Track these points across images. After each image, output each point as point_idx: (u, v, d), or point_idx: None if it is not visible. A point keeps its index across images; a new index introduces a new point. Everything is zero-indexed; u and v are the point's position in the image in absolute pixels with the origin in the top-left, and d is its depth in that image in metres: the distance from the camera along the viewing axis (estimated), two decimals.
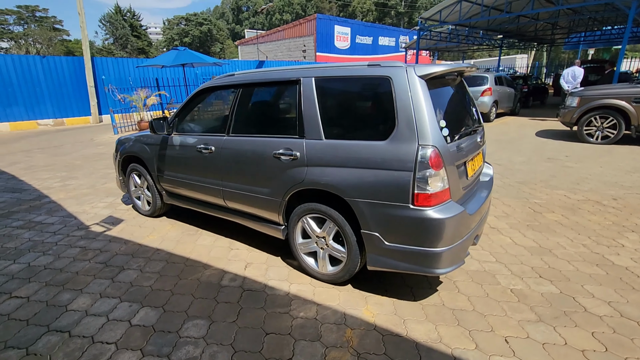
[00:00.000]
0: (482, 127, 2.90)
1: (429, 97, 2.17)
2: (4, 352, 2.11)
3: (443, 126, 2.20)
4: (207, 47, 58.24)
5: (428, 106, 2.14)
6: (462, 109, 2.73)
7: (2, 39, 50.10)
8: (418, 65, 2.24)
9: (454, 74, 2.80)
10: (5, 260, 3.21)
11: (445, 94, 2.56)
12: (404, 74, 2.21)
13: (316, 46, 22.18)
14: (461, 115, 2.61)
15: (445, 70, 2.27)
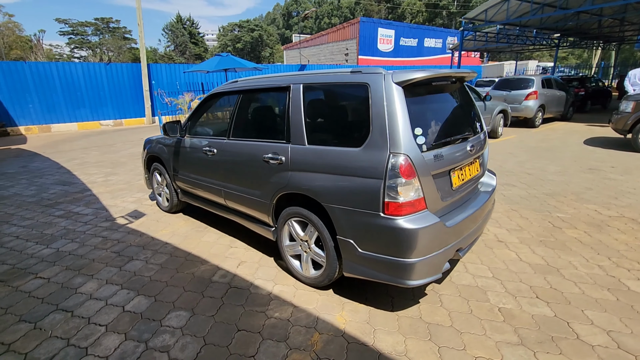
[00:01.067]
0: (479, 135, 2.76)
1: (404, 103, 2.13)
2: (16, 325, 2.42)
3: (418, 134, 2.15)
4: (258, 52, 60.59)
5: (402, 113, 2.11)
6: (454, 116, 2.62)
7: (81, 48, 56.17)
8: (397, 72, 2.21)
9: (451, 80, 2.71)
10: (40, 245, 3.66)
11: (432, 100, 2.49)
12: (381, 80, 2.20)
13: (358, 49, 22.14)
14: (450, 123, 2.51)
15: (425, 76, 2.21)
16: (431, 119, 2.35)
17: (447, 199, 2.35)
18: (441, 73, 2.35)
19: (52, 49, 54.41)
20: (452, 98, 2.72)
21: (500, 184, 5.12)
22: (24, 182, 6.24)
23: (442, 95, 2.62)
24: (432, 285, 2.72)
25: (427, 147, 2.17)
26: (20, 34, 50.39)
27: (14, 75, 13.25)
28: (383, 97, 2.15)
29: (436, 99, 2.53)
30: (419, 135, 2.15)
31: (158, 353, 2.12)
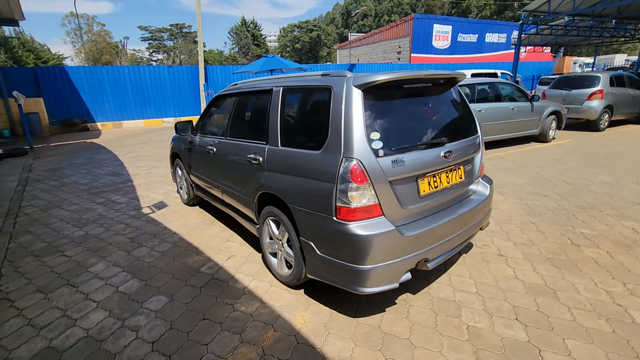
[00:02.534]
0: (463, 141, 2.57)
1: (360, 107, 2.09)
2: (33, 294, 2.84)
3: (374, 139, 2.09)
4: (316, 52, 61.56)
5: (358, 117, 2.08)
6: (430, 120, 2.49)
7: (158, 52, 61.94)
8: (359, 75, 2.18)
9: (437, 82, 2.59)
10: (75, 227, 4.20)
11: (405, 103, 2.39)
12: (342, 83, 2.18)
13: (411, 47, 21.40)
14: (421, 127, 2.39)
15: (387, 79, 2.14)
16: (397, 123, 2.27)
17: (411, 207, 2.25)
18: (409, 75, 2.26)
19: (135, 53, 60.72)
20: (434, 101, 2.58)
21: (529, 193, 4.67)
22: (84, 172, 7.15)
23: (421, 98, 2.50)
24: (405, 295, 2.62)
25: (385, 152, 2.11)
26: (110, 40, 57.04)
27: (94, 78, 15.14)
28: (342, 101, 2.14)
29: (410, 102, 2.42)
30: (376, 140, 2.09)
31: (129, 331, 2.35)
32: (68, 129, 14.64)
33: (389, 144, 2.13)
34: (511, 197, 4.56)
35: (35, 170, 7.55)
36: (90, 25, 55.42)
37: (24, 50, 42.66)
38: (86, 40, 53.51)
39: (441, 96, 2.65)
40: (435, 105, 2.57)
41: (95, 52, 53.23)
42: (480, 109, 6.78)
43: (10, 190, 5.99)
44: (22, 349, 2.23)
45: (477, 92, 6.91)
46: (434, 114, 2.53)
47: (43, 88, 14.31)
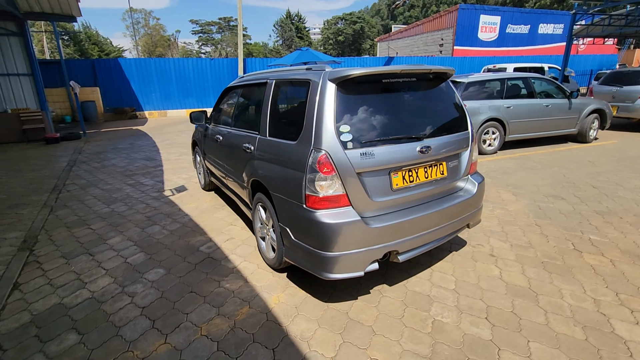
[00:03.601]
0: (446, 137, 2.54)
1: (332, 100, 2.17)
2: (58, 259, 3.26)
3: (344, 131, 2.16)
4: (359, 44, 60.85)
5: (329, 110, 2.16)
6: (409, 114, 2.49)
7: (207, 44, 64.58)
8: (336, 70, 2.25)
9: (425, 76, 2.59)
10: (104, 205, 4.68)
11: (384, 98, 2.41)
12: (319, 77, 2.27)
13: (455, 39, 20.45)
14: (398, 122, 2.40)
15: (360, 73, 2.19)
16: (372, 117, 2.31)
17: (382, 199, 2.30)
18: (385, 70, 2.29)
19: (185, 46, 63.80)
20: (418, 96, 2.58)
21: (546, 195, 4.43)
22: (123, 156, 7.82)
23: (404, 93, 2.52)
24: (382, 285, 2.68)
25: (354, 145, 2.17)
26: (164, 34, 60.35)
27: (143, 70, 16.25)
28: (317, 94, 2.23)
29: (391, 97, 2.44)
30: (345, 132, 2.16)
31: (126, 296, 2.65)
32: (119, 117, 15.90)
33: (359, 137, 2.19)
34: (524, 198, 4.36)
35: (84, 152, 8.38)
36: (147, 20, 58.95)
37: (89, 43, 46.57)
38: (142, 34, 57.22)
39: (428, 91, 2.64)
40: (419, 100, 2.57)
41: (150, 45, 56.67)
42: (509, 106, 6.45)
43: (59, 169, 6.74)
44: (39, 303, 2.60)
45: (507, 87, 6.57)
46: (416, 109, 2.53)
47: (99, 78, 15.64)
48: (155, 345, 2.14)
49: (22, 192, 5.35)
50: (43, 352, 2.12)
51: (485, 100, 6.37)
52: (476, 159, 2.91)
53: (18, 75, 9.71)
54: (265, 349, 2.09)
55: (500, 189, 4.76)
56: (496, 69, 12.46)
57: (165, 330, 2.27)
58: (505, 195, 4.49)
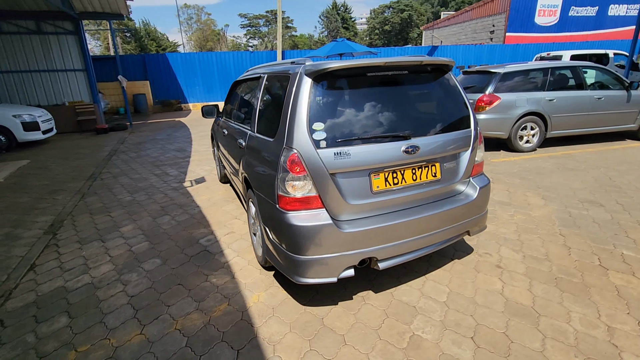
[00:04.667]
0: (435, 136, 2.30)
1: (307, 96, 2.06)
2: (73, 244, 3.51)
3: (317, 129, 2.04)
4: (406, 33, 58.68)
5: (302, 106, 2.05)
6: (399, 111, 2.27)
7: (254, 37, 66.12)
8: (315, 63, 2.12)
9: (424, 69, 2.38)
10: (128, 193, 4.97)
11: (368, 93, 2.24)
12: (297, 72, 2.16)
13: (507, 25, 18.84)
14: (386, 119, 2.21)
15: (338, 66, 2.05)
16: (352, 113, 2.15)
17: (360, 202, 2.15)
18: (367, 63, 2.12)
19: (234, 39, 65.83)
20: (410, 91, 2.37)
21: (582, 201, 3.93)
22: (159, 147, 8.26)
23: (393, 87, 2.32)
24: (367, 292, 2.53)
25: (328, 144, 2.04)
26: (214, 29, 62.71)
27: (188, 64, 17.02)
28: (293, 89, 2.13)
29: (377, 92, 2.26)
30: (318, 130, 2.04)
31: (120, 284, 2.77)
32: (166, 109, 16.86)
33: (333, 136, 2.06)
34: (554, 203, 3.90)
35: (126, 143, 8.99)
36: (199, 15, 61.59)
37: (148, 39, 49.87)
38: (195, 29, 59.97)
39: (424, 85, 2.41)
40: (411, 96, 2.36)
41: (202, 40, 59.22)
42: (552, 98, 5.80)
43: (100, 158, 7.28)
44: (45, 285, 2.82)
45: (550, 78, 5.90)
46: (407, 105, 2.32)
47: (149, 72, 16.65)
48: (131, 335, 2.21)
49: (63, 179, 5.85)
50: (35, 332, 2.28)
51: (524, 93, 5.78)
52: (482, 160, 2.63)
53: (74, 71, 10.61)
54: (231, 349, 2.07)
55: (528, 191, 4.31)
56: (550, 57, 11.33)
57: (145, 321, 2.34)
58: (533, 199, 4.06)
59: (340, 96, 2.16)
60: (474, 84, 6.18)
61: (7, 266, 3.11)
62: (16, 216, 4.25)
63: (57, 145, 8.90)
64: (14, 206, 4.61)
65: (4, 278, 2.93)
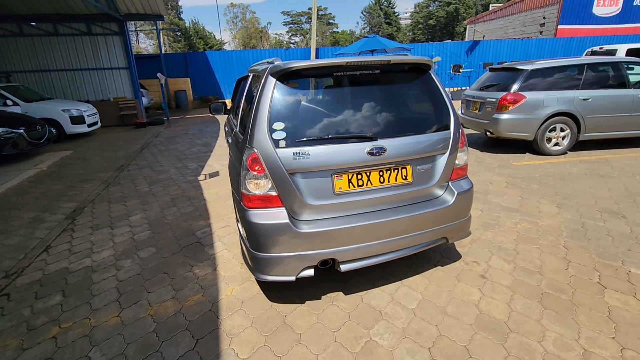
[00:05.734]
0: (405, 138, 2.20)
1: (269, 96, 2.08)
2: (87, 229, 3.83)
3: (277, 129, 2.05)
4: (451, 28, 56.22)
5: (264, 106, 2.08)
6: (368, 112, 2.21)
7: (296, 34, 66.90)
8: (281, 63, 2.13)
9: (402, 68, 2.32)
10: (146, 184, 5.30)
11: (336, 93, 2.21)
12: (265, 71, 2.19)
13: (559, 17, 17.36)
14: (352, 120, 2.16)
15: (303, 66, 2.04)
16: (316, 113, 2.13)
17: (321, 202, 2.13)
18: (330, 63, 2.09)
19: (277, 37, 67.06)
20: (382, 91, 2.30)
21: (602, 211, 3.57)
22: (187, 141, 8.69)
23: (364, 87, 2.27)
24: (337, 293, 2.52)
25: (287, 143, 2.05)
26: (258, 26, 64.33)
27: (225, 61, 17.65)
28: (259, 89, 2.17)
29: (343, 92, 2.22)
30: (278, 130, 2.05)
31: (113, 268, 2.99)
32: (205, 104, 17.62)
33: (293, 135, 2.06)
34: (569, 212, 3.59)
35: (160, 136, 9.55)
36: (244, 14, 63.44)
37: (197, 37, 52.36)
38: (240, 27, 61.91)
39: (397, 86, 2.33)
40: (382, 96, 2.28)
41: (246, 37, 61.00)
42: (587, 97, 5.30)
43: (133, 151, 7.82)
44: (53, 265, 3.11)
45: (586, 75, 5.39)
46: (377, 105, 2.25)
47: (190, 70, 17.49)
48: (109, 317, 2.38)
49: (96, 169, 6.37)
50: (31, 307, 2.53)
51: (553, 91, 5.33)
52: (464, 164, 2.49)
53: (118, 69, 11.44)
54: (191, 338, 2.16)
55: (543, 198, 4.00)
56: (602, 52, 10.33)
57: (124, 305, 2.51)
58: (546, 207, 3.76)
59: (305, 96, 2.15)
60: (498, 82, 5.81)
61: (26, 246, 3.47)
62: (47, 202, 4.71)
63: (99, 137, 9.68)
64: (48, 192, 5.11)
65: (21, 257, 3.28)
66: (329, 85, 2.19)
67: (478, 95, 6.05)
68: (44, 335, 2.24)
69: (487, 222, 3.47)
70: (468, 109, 6.38)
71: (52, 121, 8.74)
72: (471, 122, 6.25)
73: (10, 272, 3.02)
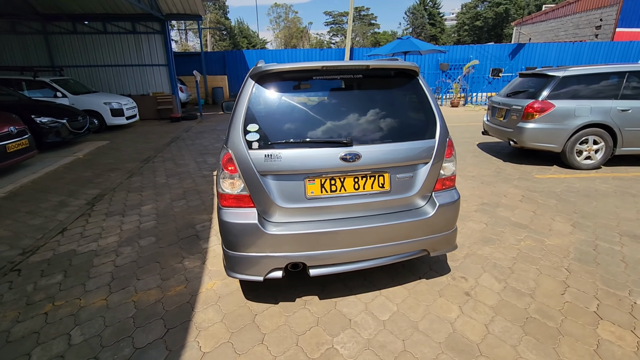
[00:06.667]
0: (383, 145, 2.14)
1: (247, 98, 2.12)
2: (101, 215, 4.10)
3: (251, 130, 2.08)
4: (500, 30, 53.52)
5: (241, 107, 2.12)
6: (347, 116, 2.17)
7: (337, 34, 66.98)
8: (262, 66, 2.16)
9: (388, 73, 2.27)
10: (165, 176, 5.57)
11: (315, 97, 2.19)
12: (248, 73, 2.23)
13: (618, 19, 15.91)
14: (329, 124, 2.13)
15: (281, 69, 2.06)
16: (289, 116, 2.13)
17: (292, 205, 2.13)
18: (309, 66, 2.08)
19: (318, 36, 67.51)
20: (363, 96, 2.26)
21: (622, 234, 3.25)
22: (214, 136, 9.01)
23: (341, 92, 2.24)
24: (312, 297, 2.51)
25: (260, 145, 2.07)
26: (300, 26, 65.16)
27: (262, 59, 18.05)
28: (240, 90, 2.21)
29: (322, 96, 2.21)
30: (252, 132, 2.08)
31: (114, 255, 3.18)
32: None
33: (266, 137, 2.08)
34: (583, 233, 3.30)
35: (190, 131, 9.98)
36: (287, 14, 64.51)
37: (241, 36, 54.11)
38: (282, 27, 63.08)
39: (379, 92, 2.28)
40: (361, 102, 2.23)
41: (287, 37, 62.05)
42: (626, 108, 4.83)
43: (162, 143, 8.24)
44: (64, 246, 3.37)
45: (627, 84, 4.91)
46: (355, 111, 2.20)
47: (227, 68, 18.13)
48: (96, 300, 2.55)
49: (125, 159, 6.80)
50: (35, 283, 2.77)
51: (586, 100, 4.92)
52: (450, 174, 2.38)
53: (158, 66, 12.11)
54: (164, 327, 2.25)
55: (558, 215, 3.71)
56: None
57: (114, 289, 2.67)
58: (559, 225, 3.49)
59: (282, 99, 2.16)
60: (527, 89, 5.46)
61: (46, 227, 3.78)
62: (75, 187, 5.11)
63: (136, 130, 10.31)
64: (78, 179, 5.53)
65: (39, 236, 3.58)
66: (309, 89, 2.19)
67: (504, 102, 5.73)
68: (38, 310, 2.44)
69: (488, 237, 3.29)
70: (493, 116, 6.06)
71: (94, 113, 9.44)
72: (495, 130, 5.93)
73: (26, 250, 3.31)
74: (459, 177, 5.06)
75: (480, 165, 5.71)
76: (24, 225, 3.84)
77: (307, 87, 2.18)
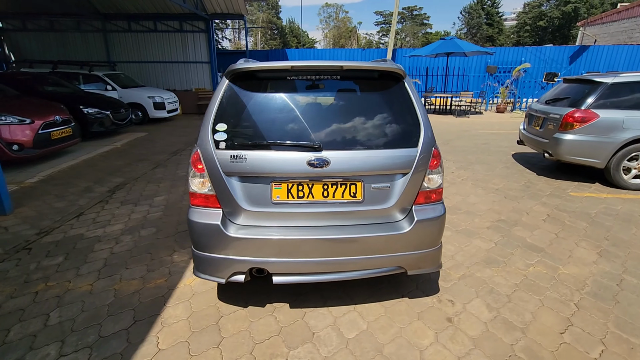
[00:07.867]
0: (356, 152, 2.00)
1: (219, 96, 2.10)
2: (117, 203, 4.34)
3: (220, 130, 2.04)
4: (566, 30, 49.18)
5: (212, 106, 2.10)
6: (316, 119, 2.05)
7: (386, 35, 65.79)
8: (241, 63, 2.11)
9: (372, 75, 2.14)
10: (184, 170, 5.78)
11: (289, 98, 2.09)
12: None
13: None
14: (299, 127, 2.01)
15: (254, 68, 2.01)
16: (258, 117, 2.06)
17: (257, 209, 2.06)
18: (281, 66, 2.00)
19: (367, 36, 66.83)
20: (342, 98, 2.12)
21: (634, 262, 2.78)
22: None
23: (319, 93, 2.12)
24: (283, 304, 2.42)
25: (227, 145, 2.02)
26: (349, 26, 64.96)
27: (303, 58, 18.18)
28: (216, 89, 2.19)
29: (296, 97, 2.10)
30: (220, 131, 2.04)
31: (113, 242, 3.33)
32: None
33: (233, 138, 2.02)
34: (610, 264, 2.87)
35: None
36: (338, 14, 64.59)
37: (291, 36, 55.26)
38: (332, 27, 63.30)
39: (358, 95, 2.14)
40: (337, 106, 2.10)
41: (337, 36, 62.14)
42: None
43: (194, 137, 8.57)
44: (74, 230, 3.60)
45: None
46: (329, 115, 2.07)
47: None
48: (84, 284, 2.67)
49: (156, 151, 7.17)
50: (38, 262, 2.97)
51: (637, 111, 4.30)
52: (436, 187, 2.16)
53: (201, 63, 12.67)
54: (132, 319, 2.29)
55: (585, 240, 3.27)
56: None
57: (102, 275, 2.78)
58: (582, 252, 3.07)
59: (253, 99, 2.09)
60: (569, 95, 4.91)
61: (65, 211, 4.07)
62: (103, 175, 5.46)
63: (175, 123, 10.86)
64: (108, 167, 5.92)
65: (57, 218, 3.86)
66: (283, 89, 2.10)
67: (542, 109, 5.20)
68: (31, 289, 2.61)
69: (494, 258, 2.98)
70: (530, 124, 5.54)
71: (139, 106, 10.08)
72: (530, 140, 5.41)
73: (43, 230, 3.58)
74: (480, 190, 4.67)
75: (509, 177, 5.23)
76: (48, 207, 4.16)
77: (283, 87, 2.10)
